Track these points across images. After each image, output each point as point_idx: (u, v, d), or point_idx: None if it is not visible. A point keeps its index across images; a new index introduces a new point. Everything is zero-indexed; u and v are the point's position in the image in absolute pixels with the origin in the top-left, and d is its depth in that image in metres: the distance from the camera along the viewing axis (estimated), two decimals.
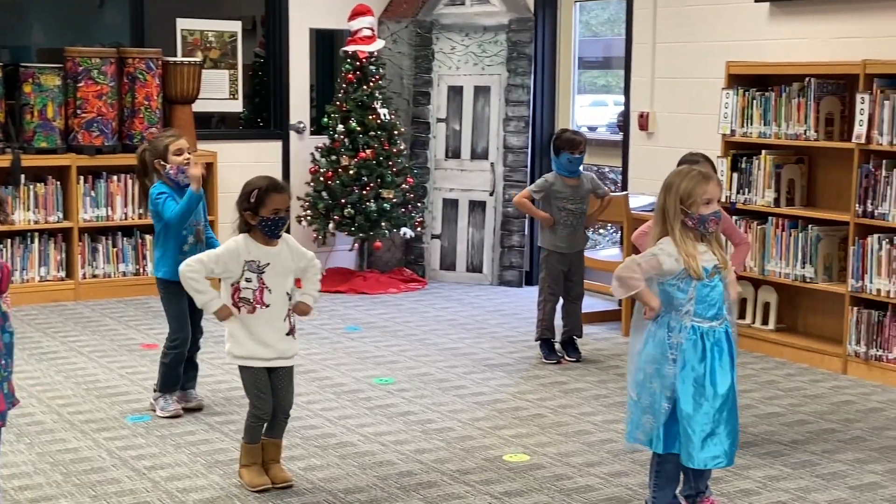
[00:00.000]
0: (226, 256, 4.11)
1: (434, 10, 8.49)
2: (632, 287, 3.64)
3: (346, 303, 7.67)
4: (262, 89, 8.77)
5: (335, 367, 5.95)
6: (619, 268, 3.69)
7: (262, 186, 4.09)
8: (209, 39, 8.27)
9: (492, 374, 5.86)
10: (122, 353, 6.16)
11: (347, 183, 7.92)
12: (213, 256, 4.14)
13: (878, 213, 5.67)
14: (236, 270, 4.10)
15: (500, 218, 8.33)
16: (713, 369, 3.64)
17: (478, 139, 8.43)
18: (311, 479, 4.31)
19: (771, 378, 5.83)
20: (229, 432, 4.81)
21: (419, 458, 4.55)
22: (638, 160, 7.46)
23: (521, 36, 8.20)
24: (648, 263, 3.65)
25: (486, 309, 7.54)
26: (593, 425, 5.01)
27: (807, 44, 6.34)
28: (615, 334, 6.84)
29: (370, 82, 8.01)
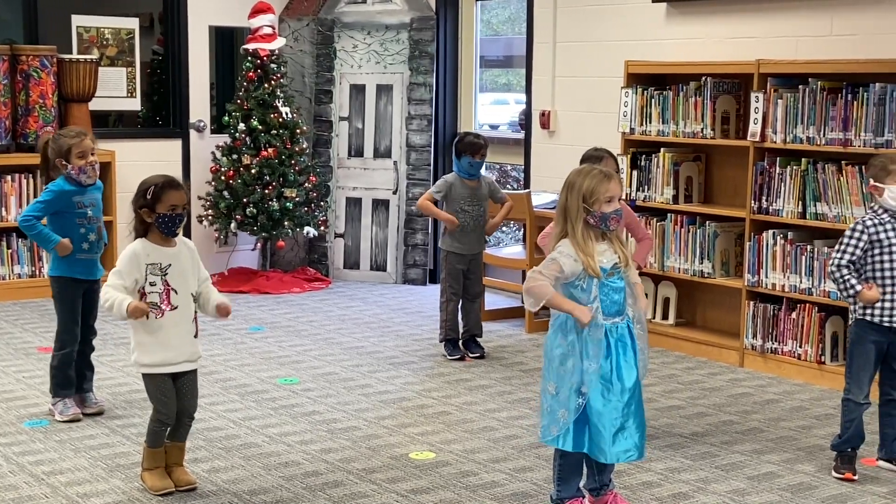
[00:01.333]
0: (129, 266, 4.03)
1: (335, 8, 8.46)
2: (541, 295, 3.67)
3: (249, 303, 7.60)
4: (161, 87, 8.64)
5: (239, 368, 5.89)
6: (525, 282, 3.73)
7: (159, 183, 4.05)
8: (106, 36, 8.11)
9: (397, 373, 5.86)
10: (19, 357, 6.01)
11: (249, 182, 7.84)
12: (120, 274, 4.04)
13: (773, 210, 5.82)
14: (140, 276, 4.04)
15: (404, 216, 8.34)
16: (618, 364, 3.71)
17: (381, 138, 8.43)
18: (216, 481, 4.26)
19: (671, 372, 5.95)
20: (130, 435, 4.73)
21: (325, 458, 4.54)
22: (539, 158, 7.54)
23: (423, 34, 8.22)
24: (549, 269, 3.70)
25: (390, 307, 7.54)
26: (498, 421, 5.05)
27: (703, 44, 6.48)
28: (518, 331, 6.90)
29: (271, 80, 7.95)
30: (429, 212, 6.20)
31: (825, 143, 5.59)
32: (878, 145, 5.33)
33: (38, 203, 4.87)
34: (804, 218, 5.70)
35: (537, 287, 3.68)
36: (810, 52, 5.94)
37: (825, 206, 5.60)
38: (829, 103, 5.56)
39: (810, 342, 5.70)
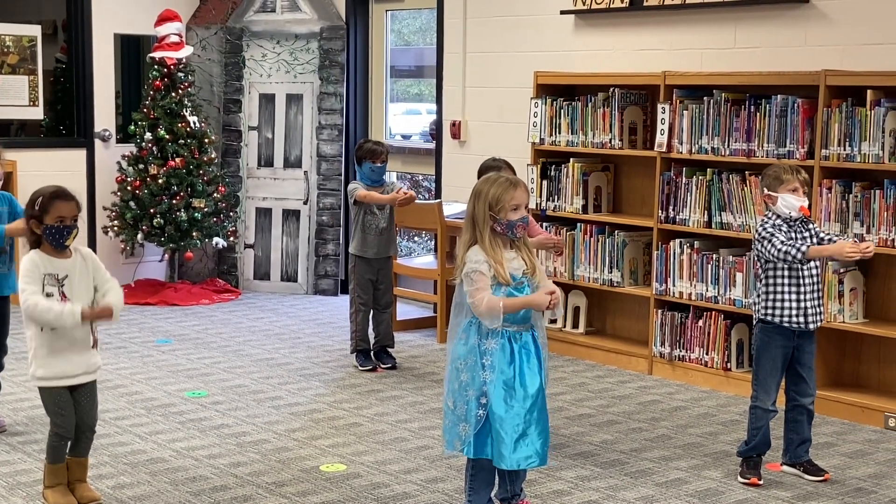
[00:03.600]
0: (33, 274, 3.93)
1: (244, 17, 8.37)
2: (495, 307, 3.63)
3: (156, 315, 7.47)
4: (65, 96, 8.45)
5: (146, 382, 5.78)
6: (475, 308, 3.65)
7: (46, 193, 3.98)
8: (7, 44, 7.91)
9: (308, 384, 5.81)
10: None
11: (156, 192, 7.71)
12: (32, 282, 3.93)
13: (680, 219, 5.91)
14: (38, 287, 3.93)
15: (315, 227, 8.28)
16: (522, 371, 3.72)
17: (291, 147, 8.36)
18: (121, 497, 4.17)
19: (581, 380, 6.00)
20: (32, 452, 4.60)
21: (234, 472, 4.47)
22: (450, 168, 7.56)
23: (332, 44, 8.18)
24: (481, 283, 3.67)
25: (301, 318, 7.47)
26: (410, 432, 5.03)
27: (611, 55, 6.56)
28: (430, 341, 6.89)
29: (179, 89, 7.83)
30: (371, 199, 6.03)
31: (730, 154, 5.69)
32: (781, 156, 5.45)
33: None
34: (710, 227, 5.79)
35: (486, 304, 3.63)
36: (715, 65, 6.05)
37: (730, 216, 5.70)
38: (733, 115, 5.67)
39: (716, 349, 5.80)
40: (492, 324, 3.67)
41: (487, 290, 3.66)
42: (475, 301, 3.66)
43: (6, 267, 4.83)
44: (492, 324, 3.67)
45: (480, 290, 3.66)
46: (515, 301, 3.68)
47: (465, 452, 3.75)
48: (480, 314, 3.66)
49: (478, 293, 3.66)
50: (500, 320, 3.65)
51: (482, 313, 3.65)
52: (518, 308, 3.69)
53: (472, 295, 3.67)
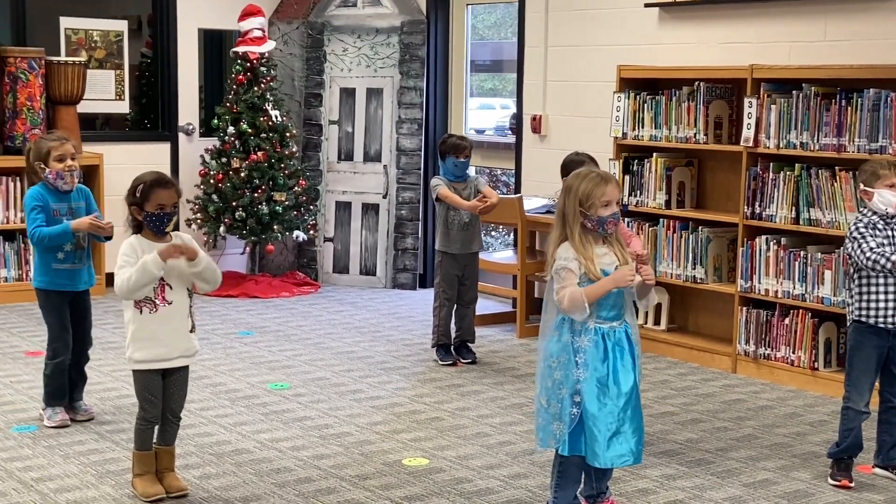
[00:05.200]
0: (130, 257, 3.99)
1: (326, 12, 8.42)
2: (579, 299, 3.58)
3: (237, 307, 7.54)
4: (150, 90, 8.58)
5: (229, 373, 5.84)
6: (560, 305, 3.60)
7: (148, 181, 4.02)
8: (94, 39, 8.05)
9: (388, 378, 5.82)
10: (6, 362, 5.94)
11: (239, 185, 7.79)
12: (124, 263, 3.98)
13: (766, 215, 5.81)
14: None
15: (394, 220, 8.30)
16: (615, 369, 3.67)
17: (370, 141, 8.39)
18: (207, 487, 4.21)
19: (663, 378, 5.92)
20: (120, 441, 4.67)
21: (317, 464, 4.49)
22: (530, 163, 7.52)
23: (413, 38, 8.19)
24: (569, 278, 3.63)
25: (380, 312, 7.50)
26: (491, 427, 5.02)
27: (696, 48, 6.46)
28: (510, 336, 6.87)
29: (261, 84, 7.90)
30: (452, 201, 6.04)
31: (819, 149, 5.57)
32: (872, 151, 5.32)
33: (32, 215, 4.74)
34: (797, 223, 5.68)
35: (568, 297, 3.58)
36: (804, 58, 5.93)
37: (819, 212, 5.59)
38: (822, 109, 5.55)
39: (803, 348, 5.69)
40: (580, 316, 3.62)
41: (573, 286, 3.62)
42: (559, 298, 3.63)
43: (84, 262, 4.90)
44: (580, 316, 3.62)
45: (565, 287, 3.62)
46: (597, 287, 3.61)
47: (559, 450, 3.72)
48: (566, 310, 3.63)
49: (562, 290, 3.62)
50: (586, 311, 3.60)
51: (567, 308, 3.62)
52: (600, 293, 3.61)
53: (557, 293, 3.64)
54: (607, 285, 3.62)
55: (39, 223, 4.72)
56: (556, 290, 3.65)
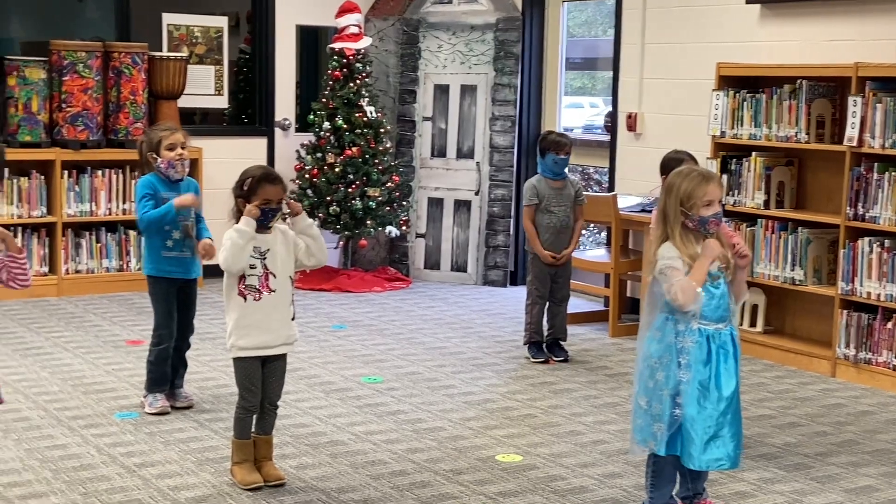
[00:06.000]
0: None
1: (421, 8, 8.45)
2: (686, 287, 3.53)
3: (330, 301, 7.62)
4: (248, 86, 8.71)
5: (323, 366, 5.90)
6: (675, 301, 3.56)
7: (256, 176, 4.08)
8: (195, 35, 8.20)
9: (480, 374, 5.83)
10: (108, 350, 6.09)
11: (333, 181, 7.87)
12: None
13: (870, 216, 5.68)
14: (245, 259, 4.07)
15: (486, 217, 8.30)
16: (718, 372, 3.62)
17: (464, 138, 8.41)
18: (304, 477, 4.27)
19: (760, 380, 5.83)
20: (219, 430, 4.75)
21: (411, 458, 4.52)
22: (625, 161, 7.46)
23: (508, 35, 8.18)
24: (676, 275, 3.58)
25: (471, 308, 7.51)
26: (585, 426, 4.99)
27: (798, 46, 6.35)
28: (602, 335, 6.83)
29: (357, 80, 7.96)
30: (531, 239, 6.09)
31: None
32: None
33: (142, 202, 4.86)
34: None
35: (681, 287, 3.53)
36: None
37: None
38: None
39: None
40: (697, 304, 3.55)
41: (680, 278, 3.57)
42: (672, 295, 3.57)
43: (192, 251, 5.00)
44: (697, 304, 3.55)
45: (673, 284, 3.57)
46: (696, 269, 3.56)
47: (656, 450, 3.68)
48: (682, 303, 3.55)
49: (671, 287, 3.57)
50: (701, 296, 3.55)
51: (683, 300, 3.54)
52: (703, 273, 3.56)
53: (667, 291, 3.59)
54: (704, 263, 3.57)
55: (147, 210, 4.83)
56: (666, 290, 3.60)
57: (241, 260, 4.03)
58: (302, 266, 4.23)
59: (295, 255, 4.18)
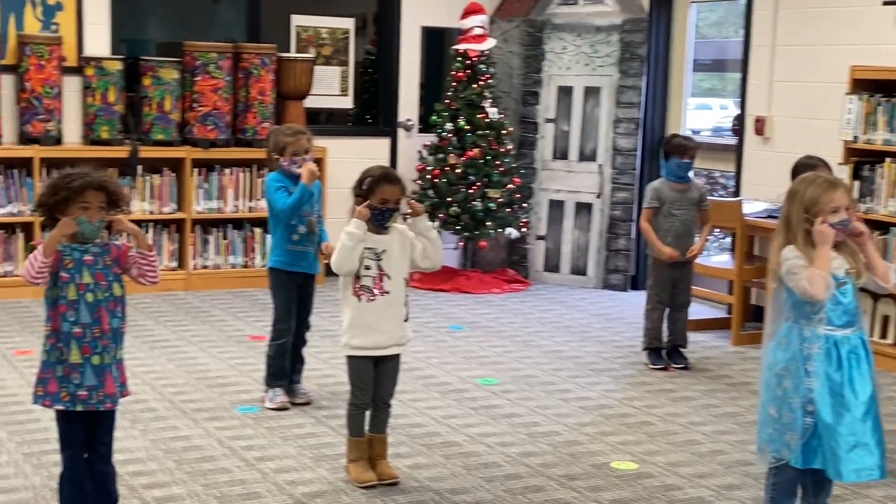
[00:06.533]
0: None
1: (546, 10, 8.42)
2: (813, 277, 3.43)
3: (449, 301, 7.65)
4: (373, 86, 8.81)
5: (440, 366, 5.93)
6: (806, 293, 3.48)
7: (375, 175, 4.13)
8: (322, 36, 8.34)
9: (598, 379, 5.78)
10: (231, 344, 6.23)
11: (454, 181, 7.90)
12: None
13: None
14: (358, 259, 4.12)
15: (607, 221, 8.23)
16: (851, 377, 3.51)
17: (586, 140, 8.34)
18: (418, 477, 4.30)
19: (890, 394, 5.64)
20: (336, 427, 4.82)
21: (525, 462, 4.51)
22: (752, 165, 7.30)
23: (634, 37, 8.09)
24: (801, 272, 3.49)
25: (590, 312, 7.45)
26: (703, 435, 4.90)
27: None
28: (724, 343, 6.69)
29: (480, 81, 7.98)
30: (648, 238, 6.04)
31: None
32: None
33: (278, 194, 4.94)
34: None
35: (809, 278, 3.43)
36: None
37: None
38: None
39: None
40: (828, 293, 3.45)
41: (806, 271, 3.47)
42: (801, 289, 3.46)
43: (314, 246, 5.09)
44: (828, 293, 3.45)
45: (801, 278, 3.46)
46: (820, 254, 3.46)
47: (791, 462, 3.57)
48: (813, 296, 3.43)
49: (799, 281, 3.46)
50: (831, 283, 3.45)
51: (813, 291, 3.42)
52: (825, 257, 3.45)
53: (796, 287, 3.50)
54: (823, 250, 3.47)
55: (284, 195, 4.93)
56: (795, 287, 3.50)
57: (351, 262, 4.08)
58: (417, 268, 4.26)
59: (411, 256, 4.21)
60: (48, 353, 3.40)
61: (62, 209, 3.34)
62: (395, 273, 4.16)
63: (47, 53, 7.12)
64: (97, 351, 3.38)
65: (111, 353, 3.41)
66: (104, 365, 3.39)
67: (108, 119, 7.37)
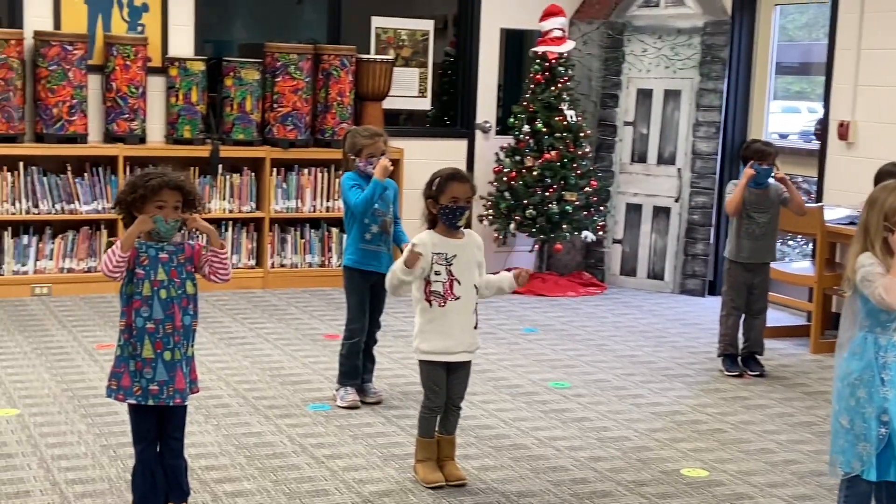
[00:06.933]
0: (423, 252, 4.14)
1: (627, 12, 8.37)
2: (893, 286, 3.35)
3: (523, 304, 7.64)
4: (451, 88, 8.83)
5: (511, 369, 5.93)
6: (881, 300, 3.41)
7: (444, 175, 4.15)
8: (402, 38, 8.39)
9: (671, 385, 5.73)
10: (306, 343, 6.31)
11: (530, 184, 7.89)
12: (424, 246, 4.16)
13: None
14: (426, 265, 4.14)
15: (685, 225, 8.14)
16: None
17: (665, 144, 8.27)
18: (485, 479, 4.30)
19: None
20: (406, 427, 4.85)
21: (594, 466, 4.48)
22: (835, 171, 7.16)
23: (716, 39, 7.99)
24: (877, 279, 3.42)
25: (666, 317, 7.38)
26: (777, 444, 4.83)
27: None
28: (803, 351, 6.58)
29: (558, 83, 7.96)
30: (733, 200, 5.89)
31: None
32: None
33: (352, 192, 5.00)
34: None
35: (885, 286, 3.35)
36: None
37: None
38: None
39: None
40: None
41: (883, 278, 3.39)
42: (877, 297, 3.38)
43: (387, 247, 5.13)
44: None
45: (877, 285, 3.39)
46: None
47: (863, 475, 3.50)
48: (889, 304, 3.34)
49: (875, 288, 3.39)
50: None
51: (890, 302, 3.34)
52: None
53: (871, 294, 3.42)
54: None
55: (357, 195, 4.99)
56: (870, 294, 3.43)
57: (399, 291, 4.18)
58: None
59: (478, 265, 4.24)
60: (122, 347, 3.49)
61: (139, 207, 3.42)
62: (466, 279, 4.17)
63: (133, 54, 7.28)
64: (169, 347, 3.45)
65: (182, 349, 3.48)
66: (175, 361, 3.47)
67: (191, 119, 7.50)
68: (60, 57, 7.10)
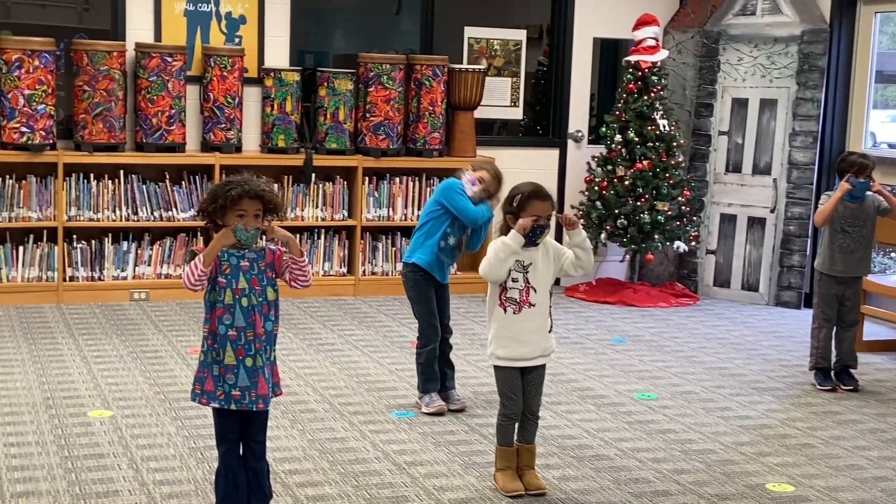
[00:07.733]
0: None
1: (723, 21, 8.26)
2: None
3: (613, 314, 7.60)
4: (543, 97, 8.83)
5: (598, 379, 5.90)
6: None
7: (526, 192, 4.15)
8: (494, 47, 8.42)
9: (760, 398, 5.64)
10: (394, 350, 6.37)
11: (622, 193, 7.84)
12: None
13: None
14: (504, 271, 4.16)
15: (781, 236, 8.00)
16: None
17: (761, 154, 8.14)
18: (565, 489, 4.30)
19: None
20: (488, 435, 4.86)
21: (676, 479, 4.44)
22: None
23: (813, 48, 7.84)
24: None
25: (759, 329, 7.26)
26: (867, 461, 4.72)
27: None
28: None
29: (651, 92, 7.90)
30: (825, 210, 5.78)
31: None
32: None
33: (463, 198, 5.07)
34: None
35: None
36: None
37: None
38: None
39: None
40: None
41: None
42: None
43: (452, 262, 5.25)
44: None
45: None
46: None
47: None
48: None
49: None
50: None
51: None
52: None
53: None
54: None
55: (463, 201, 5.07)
56: None
57: (500, 272, 4.13)
58: (566, 275, 4.27)
59: (561, 265, 4.23)
60: (205, 353, 3.58)
61: (220, 216, 3.50)
62: (542, 286, 4.19)
63: (230, 65, 7.45)
64: (250, 353, 3.53)
65: (264, 355, 3.56)
66: (257, 367, 3.54)
67: (285, 128, 7.64)
68: (160, 68, 7.30)
